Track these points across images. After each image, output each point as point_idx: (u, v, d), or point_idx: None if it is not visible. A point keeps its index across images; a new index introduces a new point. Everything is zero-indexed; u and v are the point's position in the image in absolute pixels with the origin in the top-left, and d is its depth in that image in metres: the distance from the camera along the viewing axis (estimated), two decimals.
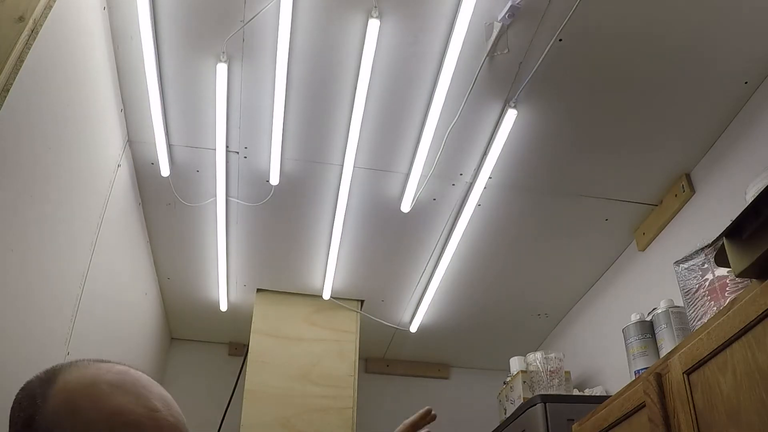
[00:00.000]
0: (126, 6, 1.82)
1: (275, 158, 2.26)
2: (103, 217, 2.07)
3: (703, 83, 1.98)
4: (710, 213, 2.16)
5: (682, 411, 1.36)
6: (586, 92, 2.03)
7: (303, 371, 2.91)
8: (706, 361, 1.31)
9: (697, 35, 1.84)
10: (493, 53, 1.90)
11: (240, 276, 2.95)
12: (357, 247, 2.73)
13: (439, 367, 3.68)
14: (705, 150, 2.21)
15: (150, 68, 1.93)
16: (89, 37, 1.76)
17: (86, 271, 1.97)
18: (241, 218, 2.58)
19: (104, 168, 2.07)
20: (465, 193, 2.42)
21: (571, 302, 3.08)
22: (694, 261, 1.65)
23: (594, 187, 2.39)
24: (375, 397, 3.44)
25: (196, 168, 2.35)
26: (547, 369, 2.59)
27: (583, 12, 1.77)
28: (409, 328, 3.26)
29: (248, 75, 2.01)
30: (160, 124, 2.13)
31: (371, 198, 2.47)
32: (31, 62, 1.36)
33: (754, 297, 1.19)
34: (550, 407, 2.22)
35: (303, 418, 2.81)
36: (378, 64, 1.93)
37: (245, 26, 1.85)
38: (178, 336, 3.49)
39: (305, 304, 3.06)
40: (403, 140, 2.22)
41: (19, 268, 1.50)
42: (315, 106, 2.11)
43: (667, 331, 1.87)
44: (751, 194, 1.38)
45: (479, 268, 2.83)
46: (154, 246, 2.75)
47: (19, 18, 1.31)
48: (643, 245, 2.55)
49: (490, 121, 2.13)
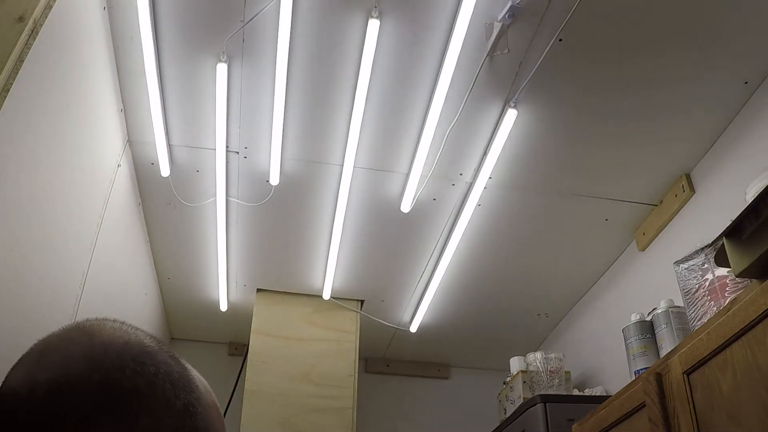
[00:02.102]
0: (126, 6, 1.81)
1: (275, 158, 2.26)
2: (103, 217, 2.07)
3: (703, 83, 1.98)
4: (710, 213, 2.16)
5: (682, 411, 1.36)
6: (586, 92, 2.03)
7: (303, 371, 2.91)
8: (706, 361, 1.31)
9: (697, 35, 1.84)
10: (493, 53, 1.90)
11: (240, 276, 2.95)
12: (357, 247, 2.73)
13: (439, 367, 3.68)
14: (705, 150, 2.21)
15: (150, 68, 1.93)
16: (89, 37, 1.76)
17: (86, 271, 1.97)
18: (241, 218, 2.58)
19: (104, 168, 2.07)
20: (465, 193, 2.42)
21: (571, 302, 3.08)
22: (694, 261, 1.65)
23: (594, 187, 2.39)
24: (375, 397, 3.44)
25: (196, 168, 2.35)
26: (547, 369, 2.59)
27: (583, 12, 1.77)
28: (409, 328, 3.26)
29: (248, 75, 2.01)
30: (160, 124, 2.13)
31: (371, 198, 2.47)
32: (31, 62, 1.36)
33: (754, 297, 1.18)
34: (550, 407, 2.22)
35: (303, 418, 2.81)
36: (378, 64, 1.93)
37: (245, 26, 1.85)
38: (178, 336, 3.49)
39: (305, 304, 3.06)
40: (403, 140, 2.22)
41: (19, 267, 1.50)
42: (315, 106, 2.11)
43: (667, 331, 1.87)
44: (751, 194, 1.38)
45: (479, 268, 2.83)
46: (154, 246, 2.75)
47: (19, 18, 1.30)
48: (643, 245, 2.55)
49: (490, 121, 2.13)
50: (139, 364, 0.51)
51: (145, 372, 0.50)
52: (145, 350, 0.53)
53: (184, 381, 0.53)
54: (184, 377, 0.53)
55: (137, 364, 0.51)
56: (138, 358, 0.51)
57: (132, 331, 0.55)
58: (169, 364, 0.53)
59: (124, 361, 0.50)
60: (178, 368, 0.54)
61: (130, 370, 0.50)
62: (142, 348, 0.53)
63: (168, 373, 0.52)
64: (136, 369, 0.50)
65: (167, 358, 0.54)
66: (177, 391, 0.51)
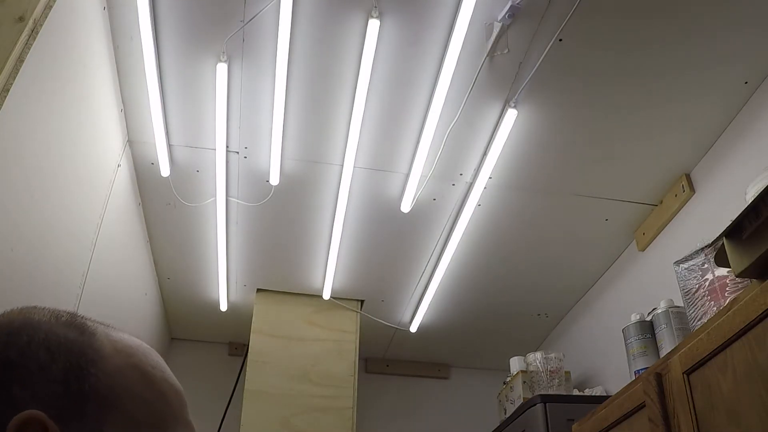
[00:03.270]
0: (126, 6, 1.81)
1: (275, 158, 2.26)
2: (103, 217, 2.07)
3: (703, 83, 1.98)
4: (710, 213, 2.16)
5: (682, 411, 1.36)
6: (586, 92, 2.03)
7: (303, 371, 2.91)
8: (706, 361, 1.31)
9: (696, 36, 1.84)
10: (493, 53, 1.90)
11: (240, 276, 2.95)
12: (357, 247, 2.73)
13: (439, 367, 3.68)
14: (705, 150, 2.21)
15: (150, 68, 1.93)
16: (89, 38, 1.76)
17: (86, 271, 1.97)
18: (241, 218, 2.58)
19: (104, 168, 2.07)
20: (465, 193, 2.42)
21: (571, 302, 3.08)
22: (694, 261, 1.65)
23: (594, 187, 2.39)
24: (375, 397, 3.44)
25: (196, 168, 2.35)
26: (547, 369, 2.59)
27: (583, 12, 1.77)
28: (409, 328, 3.26)
29: (248, 75, 2.01)
30: (160, 124, 2.13)
31: (371, 198, 2.47)
32: (31, 62, 1.36)
33: (754, 297, 1.18)
34: (550, 407, 2.22)
35: (303, 418, 2.81)
36: (378, 64, 1.93)
37: (245, 26, 1.85)
38: (178, 336, 3.49)
39: (305, 304, 3.06)
40: (403, 140, 2.22)
41: (20, 267, 1.50)
42: (315, 106, 2.11)
43: (667, 331, 1.87)
44: (751, 194, 1.38)
45: (479, 268, 2.83)
46: (154, 246, 2.75)
47: (19, 18, 1.30)
48: (643, 245, 2.55)
49: (490, 121, 2.13)
50: (13, 336, 0.51)
51: (17, 342, 0.50)
52: (27, 323, 0.52)
53: (71, 344, 0.52)
54: (73, 341, 0.52)
55: (10, 337, 0.51)
56: (14, 332, 0.51)
57: (28, 310, 0.55)
58: (52, 332, 0.52)
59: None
60: (70, 334, 0.53)
61: (2, 344, 0.50)
62: (24, 322, 0.53)
63: (46, 340, 0.51)
64: (8, 341, 0.51)
65: (55, 327, 0.53)
66: (55, 356, 0.50)
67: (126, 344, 0.56)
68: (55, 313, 0.55)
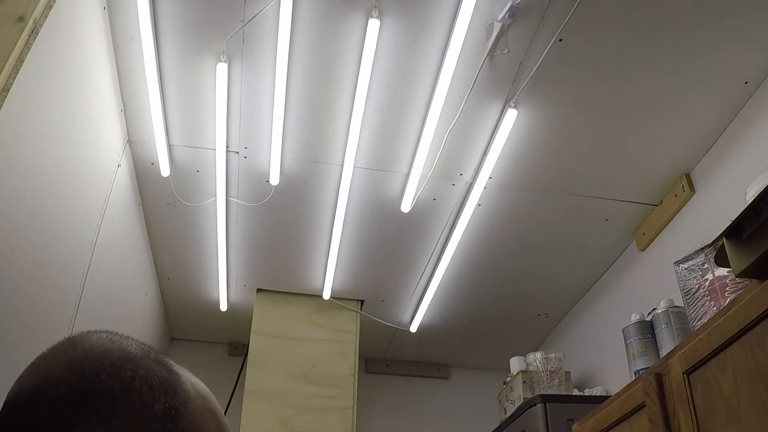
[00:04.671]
0: (126, 6, 1.81)
1: (275, 158, 2.26)
2: (103, 216, 2.07)
3: (703, 83, 1.98)
4: (710, 213, 2.16)
5: (682, 411, 1.36)
6: (586, 92, 2.03)
7: (303, 371, 2.91)
8: (706, 361, 1.31)
9: (696, 36, 1.84)
10: (493, 53, 1.90)
11: (240, 276, 2.95)
12: (357, 247, 2.73)
13: (439, 367, 3.68)
14: (705, 150, 2.21)
15: (150, 68, 1.93)
16: (89, 37, 1.76)
17: (86, 271, 1.97)
18: (241, 218, 2.58)
19: (104, 168, 2.07)
20: (465, 193, 2.42)
21: (571, 302, 3.08)
22: (694, 261, 1.65)
23: (594, 187, 2.39)
24: (375, 397, 3.44)
25: (196, 168, 2.35)
26: (547, 369, 2.59)
27: (583, 12, 1.77)
28: (409, 328, 3.26)
29: (248, 75, 2.01)
30: (160, 124, 2.13)
31: (371, 198, 2.47)
32: (31, 62, 1.36)
33: (754, 297, 1.19)
34: (550, 407, 2.22)
35: (303, 418, 2.81)
36: (378, 64, 1.93)
37: (245, 26, 1.85)
38: (178, 336, 3.49)
39: (305, 304, 3.06)
40: (403, 140, 2.22)
41: (19, 268, 1.50)
42: (315, 106, 2.11)
43: (667, 331, 1.87)
44: (751, 194, 1.38)
45: (479, 268, 2.83)
46: (153, 246, 2.75)
47: (19, 18, 1.30)
48: (643, 245, 2.55)
49: (490, 121, 2.13)
50: (116, 369, 0.52)
51: (120, 376, 0.51)
52: (126, 356, 0.54)
53: (167, 385, 0.53)
54: (168, 381, 0.54)
55: (114, 369, 0.52)
56: (116, 363, 0.52)
57: (117, 339, 0.56)
58: (150, 369, 0.54)
59: (101, 365, 0.52)
60: (163, 373, 0.54)
61: (106, 374, 0.51)
62: (123, 354, 0.54)
63: (148, 377, 0.52)
64: (112, 373, 0.51)
65: (151, 363, 0.54)
66: (156, 395, 0.52)
67: (202, 387, 0.58)
68: (142, 346, 0.57)
